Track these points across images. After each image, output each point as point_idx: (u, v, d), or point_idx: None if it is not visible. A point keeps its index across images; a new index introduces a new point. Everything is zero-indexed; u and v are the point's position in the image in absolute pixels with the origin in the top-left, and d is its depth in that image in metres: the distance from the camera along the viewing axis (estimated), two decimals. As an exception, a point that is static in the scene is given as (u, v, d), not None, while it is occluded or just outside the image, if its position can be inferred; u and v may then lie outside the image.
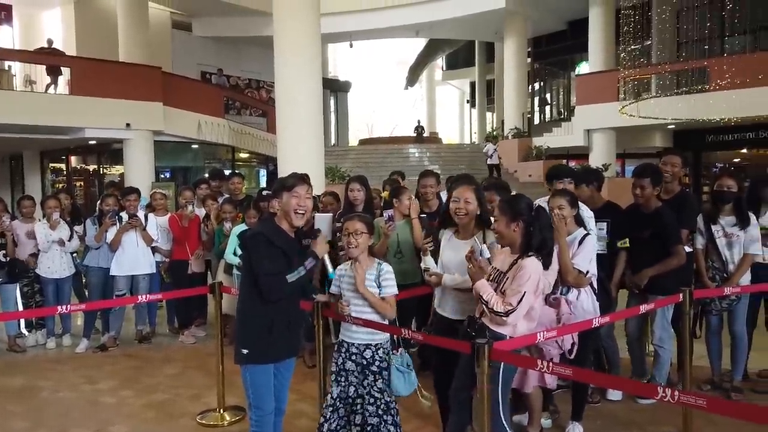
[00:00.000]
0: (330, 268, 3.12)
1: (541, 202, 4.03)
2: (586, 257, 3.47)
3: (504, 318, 2.82)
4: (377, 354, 3.15)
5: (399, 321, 3.32)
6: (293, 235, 2.98)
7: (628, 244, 4.04)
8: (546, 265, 2.95)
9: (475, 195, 3.25)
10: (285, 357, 3.06)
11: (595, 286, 3.62)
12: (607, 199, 4.32)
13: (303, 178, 2.99)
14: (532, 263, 2.87)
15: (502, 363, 2.78)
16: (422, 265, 3.65)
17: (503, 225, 2.93)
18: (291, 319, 2.99)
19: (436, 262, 3.46)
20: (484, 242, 3.11)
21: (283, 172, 9.47)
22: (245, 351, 2.90)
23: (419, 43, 27.54)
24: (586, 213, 3.85)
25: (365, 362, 3.14)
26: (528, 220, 2.90)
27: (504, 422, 2.86)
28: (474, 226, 3.27)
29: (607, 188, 5.38)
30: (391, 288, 3.18)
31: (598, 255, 3.68)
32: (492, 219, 3.17)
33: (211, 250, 6.00)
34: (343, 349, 3.20)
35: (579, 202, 3.72)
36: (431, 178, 4.87)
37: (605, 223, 4.04)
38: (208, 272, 6.21)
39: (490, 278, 2.97)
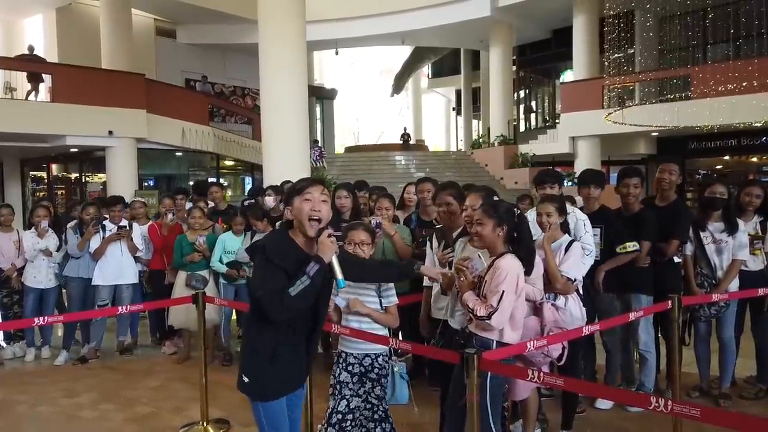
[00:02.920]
0: (339, 274, 2.44)
1: (531, 212, 4.02)
2: (573, 264, 3.45)
3: (488, 322, 2.80)
4: (377, 361, 3.12)
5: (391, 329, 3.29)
6: (312, 248, 2.45)
7: (631, 249, 3.99)
8: (528, 272, 2.95)
9: (483, 200, 3.22)
10: (296, 387, 2.62)
11: (581, 292, 3.60)
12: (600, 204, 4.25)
13: (317, 180, 2.54)
14: (508, 261, 2.86)
15: (489, 372, 2.74)
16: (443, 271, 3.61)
17: (489, 229, 2.92)
18: (298, 343, 2.51)
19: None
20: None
21: (268, 180, 9.39)
22: (246, 380, 2.50)
23: (405, 51, 27.61)
24: (580, 215, 3.83)
25: (363, 370, 3.10)
26: (512, 226, 2.91)
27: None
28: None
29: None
30: (392, 297, 3.20)
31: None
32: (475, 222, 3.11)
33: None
34: (341, 360, 3.14)
35: (573, 207, 3.71)
36: (428, 184, 4.82)
37: (598, 229, 4.02)
38: None
39: (474, 286, 2.97)
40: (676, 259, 4.26)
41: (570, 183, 12.88)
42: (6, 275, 5.75)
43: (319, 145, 20.23)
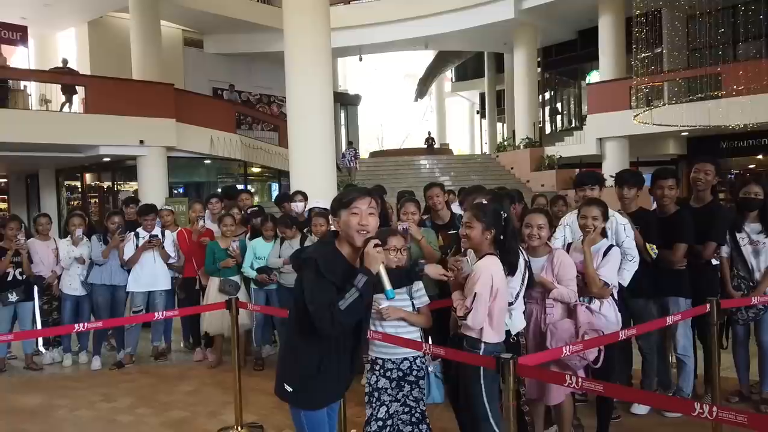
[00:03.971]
0: (387, 285, 2.38)
1: (569, 217, 3.99)
2: (612, 269, 3.42)
3: (465, 322, 2.89)
4: (415, 363, 3.16)
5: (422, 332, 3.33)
6: (357, 261, 2.45)
7: (656, 253, 3.90)
8: (512, 272, 3.01)
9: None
10: (334, 400, 2.64)
11: (616, 297, 3.56)
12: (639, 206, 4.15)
13: (364, 192, 2.48)
14: (486, 262, 2.91)
15: (482, 368, 2.82)
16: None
17: (478, 231, 2.97)
18: (343, 355, 2.49)
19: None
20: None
21: (295, 186, 9.47)
22: (290, 389, 2.49)
23: (428, 55, 27.61)
24: (620, 219, 3.77)
25: (402, 374, 3.13)
26: (499, 229, 2.96)
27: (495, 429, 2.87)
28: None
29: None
30: (424, 297, 3.27)
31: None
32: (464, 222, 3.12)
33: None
34: (377, 367, 3.16)
35: (612, 211, 3.68)
36: (436, 188, 4.84)
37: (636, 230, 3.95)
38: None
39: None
40: (714, 262, 4.17)
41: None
42: (47, 282, 5.91)
43: (354, 146, 20.39)
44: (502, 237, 2.97)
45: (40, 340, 6.29)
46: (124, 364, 5.79)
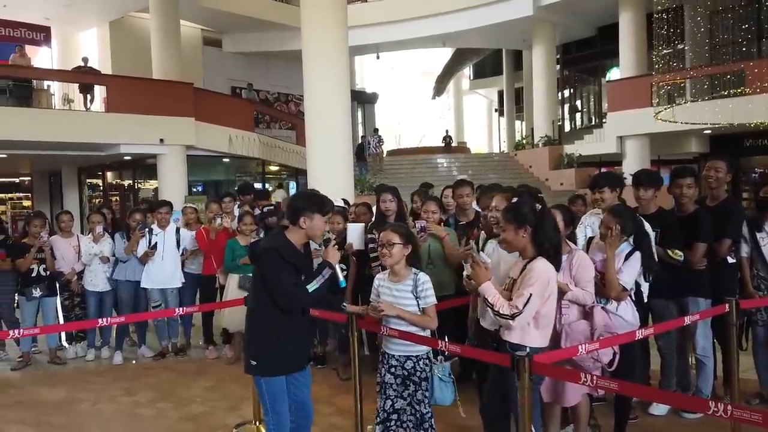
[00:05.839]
0: (341, 277, 3.02)
1: (590, 216, 3.96)
2: (632, 273, 3.40)
3: (510, 321, 2.78)
4: (418, 364, 3.14)
5: (435, 332, 3.30)
6: (302, 250, 3.03)
7: (681, 257, 3.84)
8: (557, 267, 2.93)
9: (507, 202, 3.23)
10: (295, 370, 3.07)
11: (633, 297, 3.53)
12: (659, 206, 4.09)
13: (338, 211, 3.24)
14: (541, 265, 2.84)
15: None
16: (465, 273, 3.62)
17: (511, 233, 2.91)
18: (302, 330, 3.04)
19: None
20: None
21: (312, 183, 9.53)
22: (254, 363, 2.97)
23: (446, 53, 27.50)
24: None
25: (406, 373, 3.14)
26: (534, 225, 2.88)
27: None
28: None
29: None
30: (430, 298, 3.18)
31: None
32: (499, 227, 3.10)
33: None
34: (384, 360, 3.19)
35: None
36: (466, 188, 4.82)
37: (655, 232, 3.86)
38: None
39: (504, 287, 2.96)
40: (730, 260, 4.11)
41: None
42: (66, 279, 6.03)
43: (379, 133, 20.65)
44: (537, 233, 2.87)
45: (63, 335, 6.43)
46: (165, 355, 6.03)
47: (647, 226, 3.73)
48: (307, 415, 3.16)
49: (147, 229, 5.90)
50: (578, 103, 23.52)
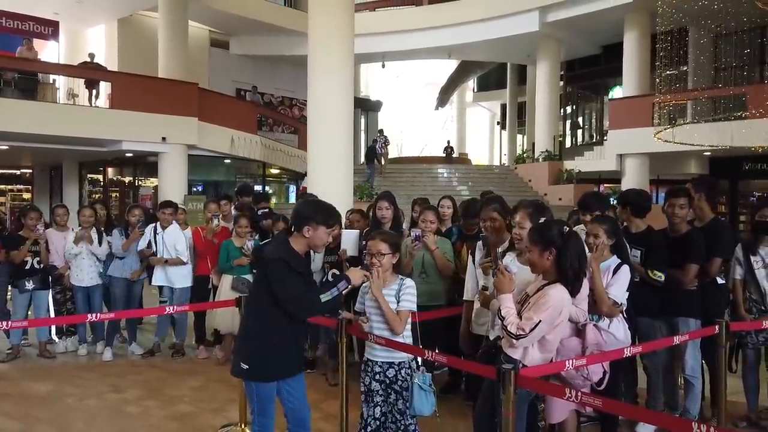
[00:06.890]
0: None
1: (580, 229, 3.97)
2: (621, 288, 3.38)
3: (513, 340, 2.77)
4: (400, 374, 3.13)
5: (424, 342, 3.28)
6: (303, 256, 3.07)
7: (662, 278, 3.81)
8: (575, 293, 2.87)
9: (530, 220, 3.21)
10: (287, 375, 3.04)
11: (625, 315, 3.53)
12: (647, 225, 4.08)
13: (340, 223, 3.27)
14: (557, 293, 2.79)
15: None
16: (481, 283, 3.62)
17: (536, 255, 2.86)
18: (296, 336, 3.05)
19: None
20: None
21: (312, 188, 9.54)
22: (246, 367, 2.95)
23: (450, 65, 27.63)
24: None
25: (388, 381, 3.14)
26: (560, 248, 2.83)
27: None
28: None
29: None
30: (408, 303, 3.13)
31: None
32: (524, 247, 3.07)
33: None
34: (368, 368, 3.19)
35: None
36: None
37: (639, 251, 3.91)
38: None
39: (518, 300, 2.93)
40: (719, 280, 4.13)
41: (615, 200, 12.58)
42: (58, 273, 6.03)
43: (384, 135, 21.01)
44: (561, 257, 2.80)
45: (53, 329, 6.42)
46: (154, 353, 6.03)
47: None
48: (302, 423, 3.11)
49: (150, 228, 5.91)
50: (580, 119, 23.62)
